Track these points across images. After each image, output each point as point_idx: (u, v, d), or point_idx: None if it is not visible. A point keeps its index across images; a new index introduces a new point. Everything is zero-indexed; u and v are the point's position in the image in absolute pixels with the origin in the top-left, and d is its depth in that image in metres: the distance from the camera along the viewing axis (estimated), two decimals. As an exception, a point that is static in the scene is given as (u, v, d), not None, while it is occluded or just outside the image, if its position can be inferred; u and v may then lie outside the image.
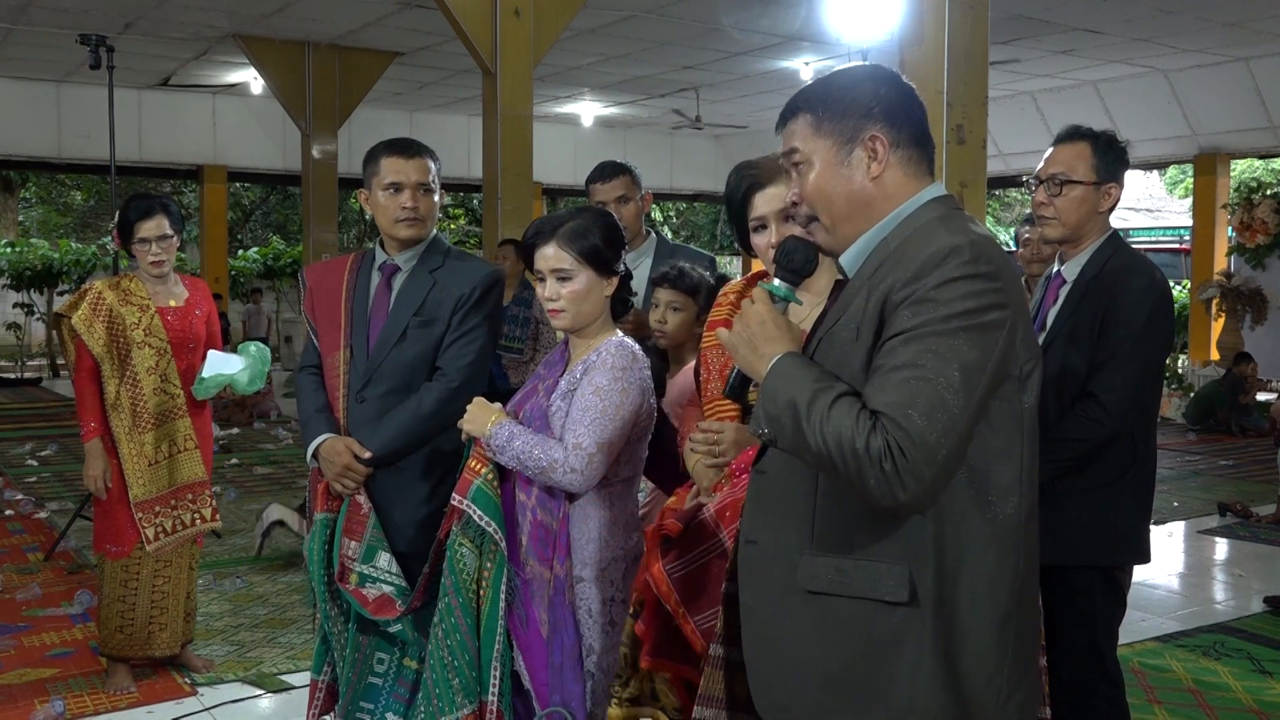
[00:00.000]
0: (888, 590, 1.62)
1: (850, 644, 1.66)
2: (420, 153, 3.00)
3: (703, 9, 10.60)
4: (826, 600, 1.67)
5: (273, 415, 12.04)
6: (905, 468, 1.51)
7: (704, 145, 19.52)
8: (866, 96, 1.74)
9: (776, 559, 1.74)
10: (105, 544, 4.10)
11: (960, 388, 1.54)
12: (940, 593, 1.62)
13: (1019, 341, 1.62)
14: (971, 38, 5.24)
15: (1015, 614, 1.67)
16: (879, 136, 1.73)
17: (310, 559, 2.90)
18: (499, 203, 8.34)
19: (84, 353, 4.03)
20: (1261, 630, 4.93)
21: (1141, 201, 26.86)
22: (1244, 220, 12.98)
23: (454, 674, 2.37)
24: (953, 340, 1.56)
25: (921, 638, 1.62)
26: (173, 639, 4.17)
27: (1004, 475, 1.65)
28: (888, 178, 1.73)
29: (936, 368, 1.54)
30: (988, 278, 1.59)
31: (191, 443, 4.17)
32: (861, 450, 1.52)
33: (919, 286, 1.59)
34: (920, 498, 1.54)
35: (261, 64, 12.63)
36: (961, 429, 1.55)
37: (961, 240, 1.62)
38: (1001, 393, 1.62)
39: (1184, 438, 11.07)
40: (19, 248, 18.40)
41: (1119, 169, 2.84)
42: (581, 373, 2.42)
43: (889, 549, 1.63)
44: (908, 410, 1.52)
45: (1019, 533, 1.67)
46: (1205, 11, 10.62)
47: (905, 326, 1.58)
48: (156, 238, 4.05)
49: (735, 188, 2.29)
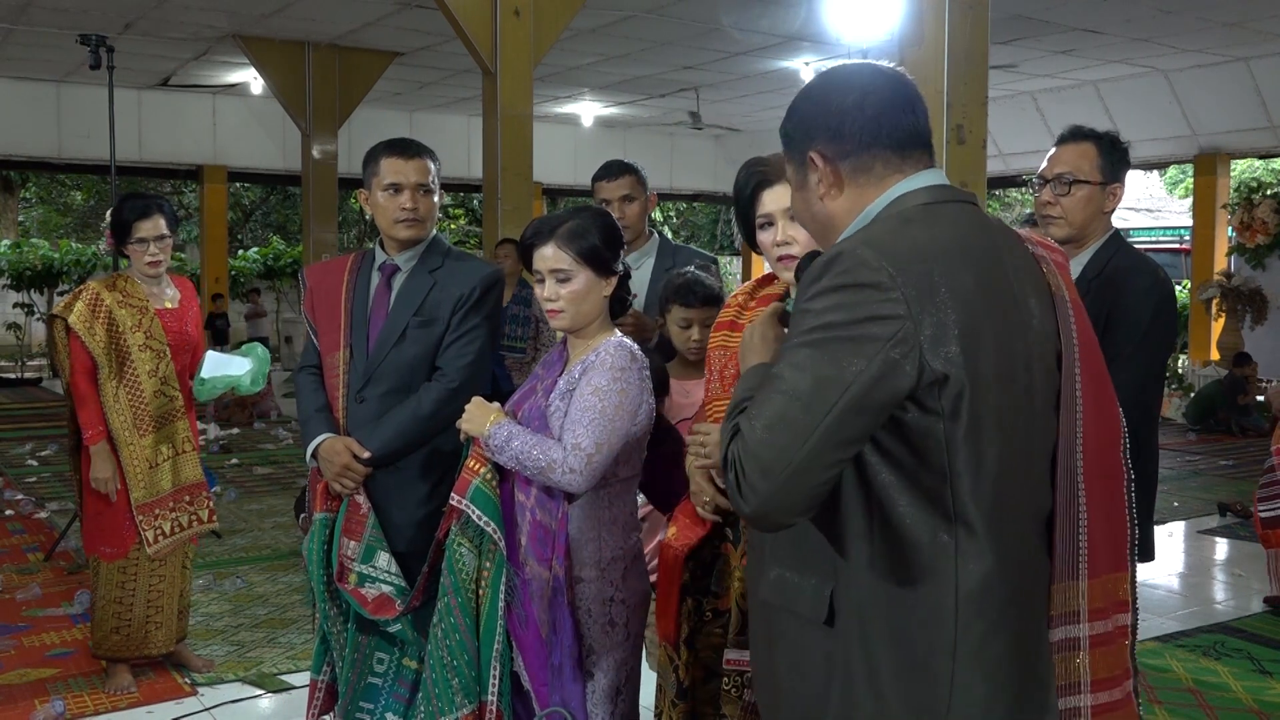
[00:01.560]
0: (807, 607, 1.59)
1: (789, 656, 1.64)
2: (420, 153, 3.00)
3: (703, 9, 10.60)
4: (775, 612, 1.67)
5: (273, 415, 12.04)
6: (744, 481, 1.48)
7: (704, 145, 19.51)
8: (807, 112, 1.66)
9: (756, 569, 1.76)
10: (100, 545, 4.08)
11: (810, 401, 1.45)
12: (861, 616, 1.54)
13: (926, 352, 1.46)
14: (971, 38, 5.24)
15: (957, 649, 1.51)
16: (818, 152, 1.63)
17: (309, 559, 2.90)
18: (499, 203, 8.33)
19: (81, 353, 4.01)
20: (1261, 630, 4.93)
21: (1141, 201, 26.85)
22: (1244, 220, 12.97)
23: (453, 674, 2.37)
24: (811, 351, 1.47)
25: (847, 663, 1.55)
26: (168, 637, 4.17)
27: (928, 496, 1.51)
28: (841, 192, 1.63)
29: (792, 380, 1.47)
30: (871, 286, 1.46)
31: (190, 444, 4.16)
32: (722, 460, 1.54)
33: (801, 297, 1.54)
34: (765, 511, 1.48)
35: (261, 64, 12.62)
36: (811, 444, 1.45)
37: (850, 245, 1.51)
38: (914, 409, 1.48)
39: (1184, 438, 11.07)
40: (22, 247, 18.40)
41: (1122, 169, 2.85)
42: (580, 373, 2.42)
43: (816, 562, 1.59)
44: (753, 423, 1.48)
45: (954, 561, 1.51)
46: (1205, 11, 10.62)
47: (787, 339, 1.56)
48: (155, 238, 4.04)
49: (744, 184, 2.29)
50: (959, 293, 1.49)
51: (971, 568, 1.52)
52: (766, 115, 16.62)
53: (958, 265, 1.52)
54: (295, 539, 6.39)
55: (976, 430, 1.51)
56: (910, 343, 1.45)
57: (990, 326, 1.52)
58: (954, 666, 1.51)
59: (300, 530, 5.87)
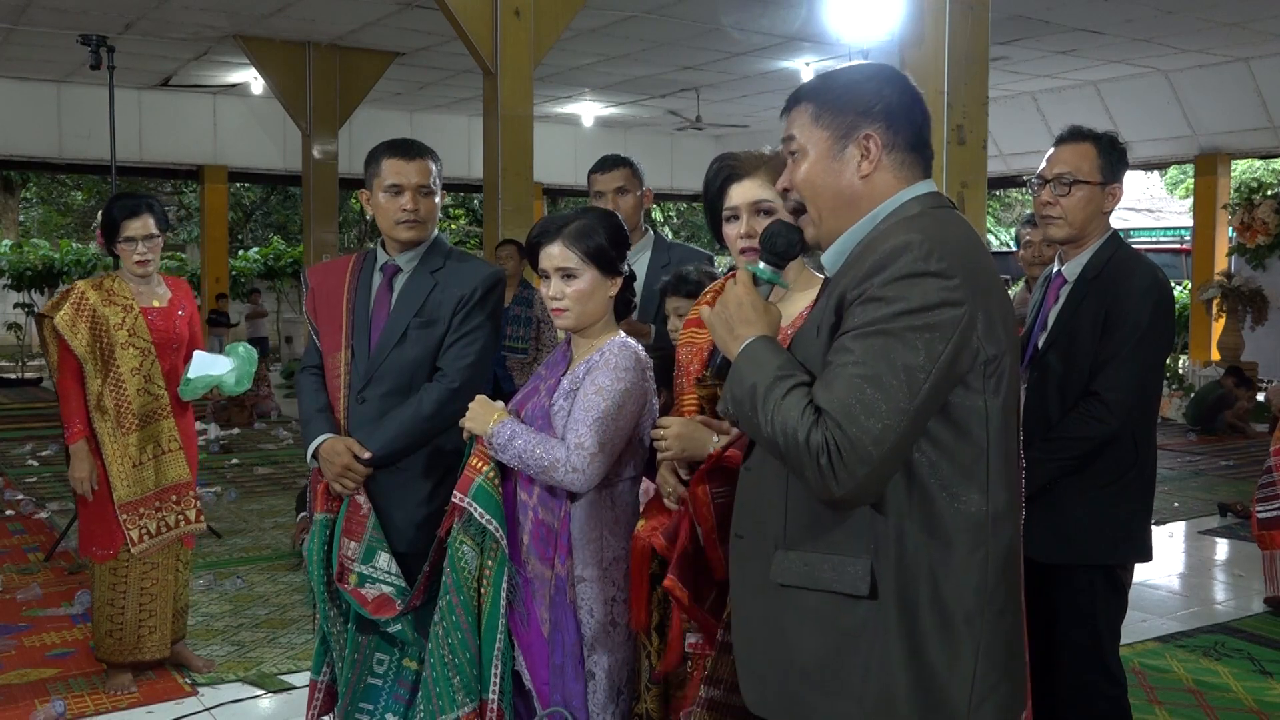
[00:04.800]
0: (849, 584, 1.65)
1: (818, 636, 1.69)
2: (421, 154, 3.00)
3: (703, 9, 10.61)
4: (796, 593, 1.71)
5: (273, 415, 12.05)
6: (840, 465, 1.54)
7: (704, 145, 19.50)
8: (868, 95, 1.75)
9: (757, 553, 1.78)
10: (92, 546, 4.06)
11: (902, 388, 1.55)
12: (901, 587, 1.63)
13: (979, 337, 1.61)
14: (971, 38, 5.24)
15: (985, 612, 1.67)
16: (873, 135, 1.74)
17: (310, 559, 2.90)
18: (499, 203, 8.34)
19: (67, 353, 4.00)
20: (1262, 631, 4.93)
21: (1142, 201, 26.86)
22: (1244, 220, 12.97)
23: (455, 672, 2.38)
24: (898, 340, 1.57)
25: (885, 631, 1.64)
26: (162, 642, 4.13)
27: (965, 471, 1.64)
28: (877, 178, 1.75)
29: (880, 367, 1.56)
30: (938, 274, 1.59)
31: (176, 444, 4.12)
32: (803, 443, 1.57)
33: (869, 285, 1.61)
34: (855, 494, 1.57)
35: (262, 64, 12.63)
36: (902, 429, 1.56)
37: (915, 237, 1.62)
38: (960, 389, 1.62)
39: (1184, 438, 11.07)
40: (23, 248, 18.41)
41: (1121, 169, 2.85)
42: (584, 372, 2.42)
43: (851, 543, 1.66)
44: (848, 409, 1.55)
45: (987, 529, 1.66)
46: (1205, 11, 10.63)
47: (854, 324, 1.61)
48: (143, 236, 4.02)
49: (713, 178, 2.35)
50: (993, 282, 1.68)
51: (1000, 535, 1.68)
52: (766, 115, 16.63)
53: (984, 258, 1.70)
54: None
55: (1006, 406, 1.68)
56: (971, 327, 1.60)
57: (1009, 312, 1.70)
58: (981, 629, 1.66)
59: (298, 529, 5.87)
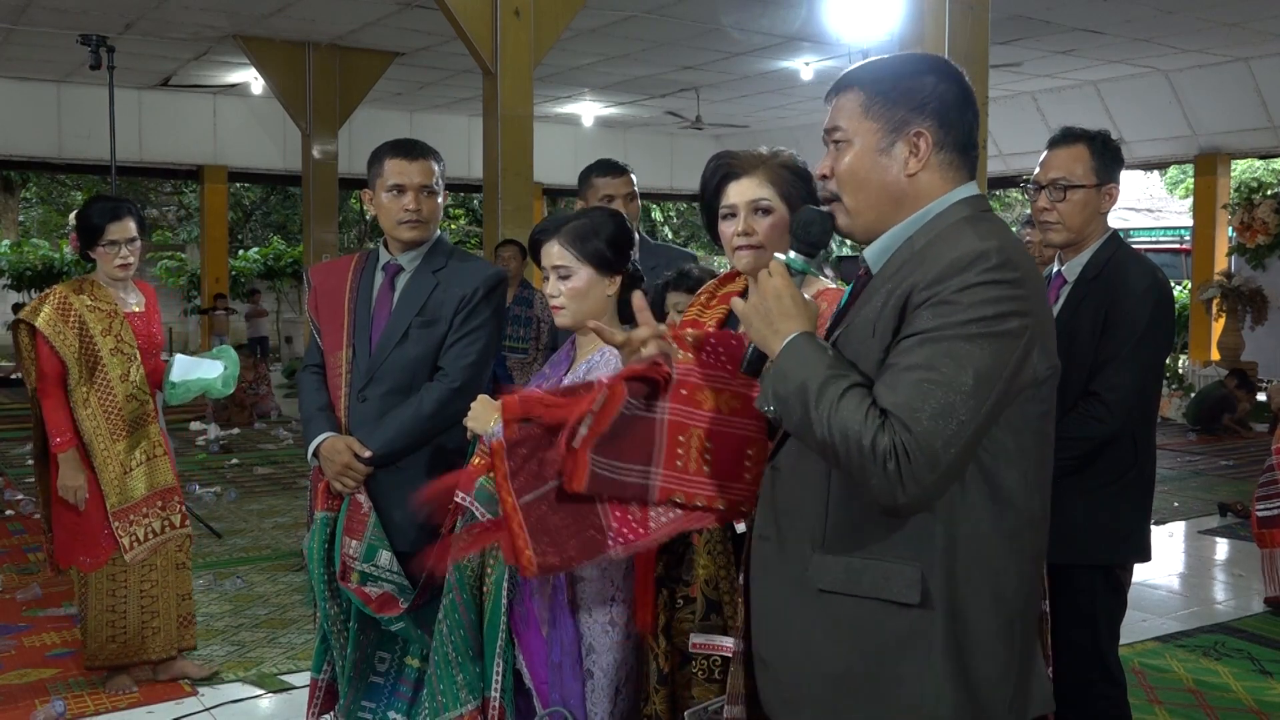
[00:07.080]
0: (899, 591, 1.60)
1: (860, 644, 1.64)
2: (424, 154, 3.00)
3: (703, 9, 10.61)
4: (837, 599, 1.65)
5: (273, 415, 12.05)
6: (908, 470, 1.49)
7: (704, 145, 19.50)
8: (923, 90, 1.70)
9: (788, 556, 1.72)
10: (77, 555, 3.97)
11: (971, 394, 1.51)
12: (952, 594, 1.60)
13: (1038, 350, 1.60)
14: (971, 38, 5.25)
15: (1023, 616, 1.67)
16: (925, 134, 1.69)
17: (310, 558, 2.90)
18: (499, 203, 8.34)
19: (51, 358, 3.91)
20: (1262, 630, 4.93)
21: (1141, 201, 26.86)
22: (1244, 220, 12.97)
23: (458, 669, 2.38)
24: (969, 345, 1.53)
25: (932, 639, 1.60)
26: (167, 641, 4.10)
27: (1016, 479, 1.62)
28: (923, 177, 1.70)
29: (950, 372, 1.51)
30: (1012, 284, 1.56)
31: (161, 449, 4.07)
32: (868, 447, 1.50)
33: (941, 289, 1.56)
34: (920, 500, 1.53)
35: (262, 64, 12.63)
36: (968, 436, 1.52)
37: (990, 245, 1.59)
38: (1018, 399, 1.60)
39: (1184, 438, 11.07)
40: (23, 248, 18.41)
41: (1116, 168, 2.83)
42: (585, 371, 2.42)
43: (900, 548, 1.61)
44: (917, 413, 1.50)
45: (1027, 535, 1.66)
46: (1205, 11, 10.63)
47: (923, 327, 1.55)
48: (126, 240, 3.98)
49: (710, 175, 2.34)
50: (1044, 298, 1.68)
51: (1038, 540, 1.70)
52: (766, 115, 16.65)
53: (1038, 269, 1.70)
54: (295, 539, 6.39)
55: (1050, 414, 1.68)
56: (1035, 338, 1.59)
57: (1053, 320, 1.70)
58: (1021, 633, 1.66)
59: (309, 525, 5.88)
